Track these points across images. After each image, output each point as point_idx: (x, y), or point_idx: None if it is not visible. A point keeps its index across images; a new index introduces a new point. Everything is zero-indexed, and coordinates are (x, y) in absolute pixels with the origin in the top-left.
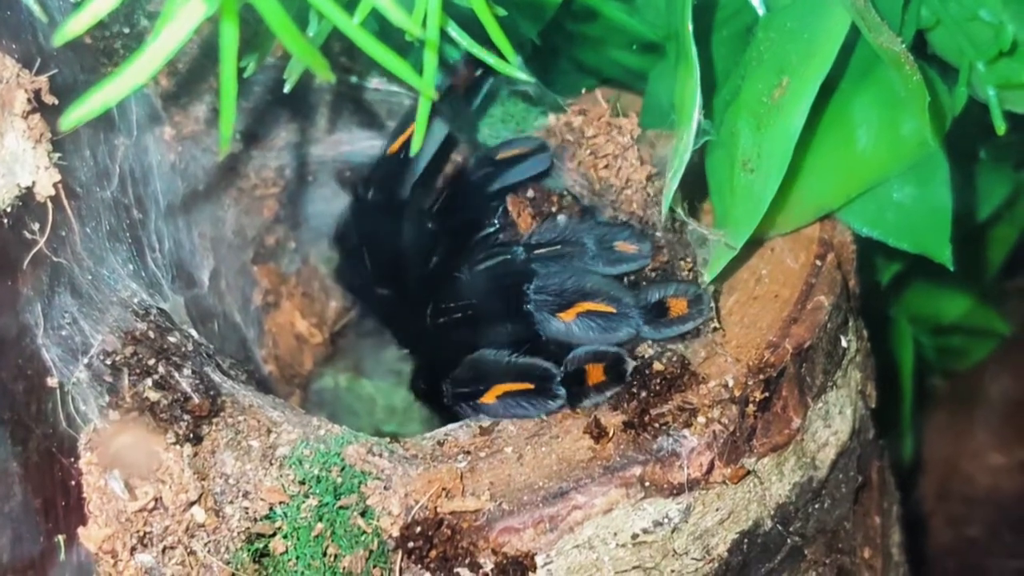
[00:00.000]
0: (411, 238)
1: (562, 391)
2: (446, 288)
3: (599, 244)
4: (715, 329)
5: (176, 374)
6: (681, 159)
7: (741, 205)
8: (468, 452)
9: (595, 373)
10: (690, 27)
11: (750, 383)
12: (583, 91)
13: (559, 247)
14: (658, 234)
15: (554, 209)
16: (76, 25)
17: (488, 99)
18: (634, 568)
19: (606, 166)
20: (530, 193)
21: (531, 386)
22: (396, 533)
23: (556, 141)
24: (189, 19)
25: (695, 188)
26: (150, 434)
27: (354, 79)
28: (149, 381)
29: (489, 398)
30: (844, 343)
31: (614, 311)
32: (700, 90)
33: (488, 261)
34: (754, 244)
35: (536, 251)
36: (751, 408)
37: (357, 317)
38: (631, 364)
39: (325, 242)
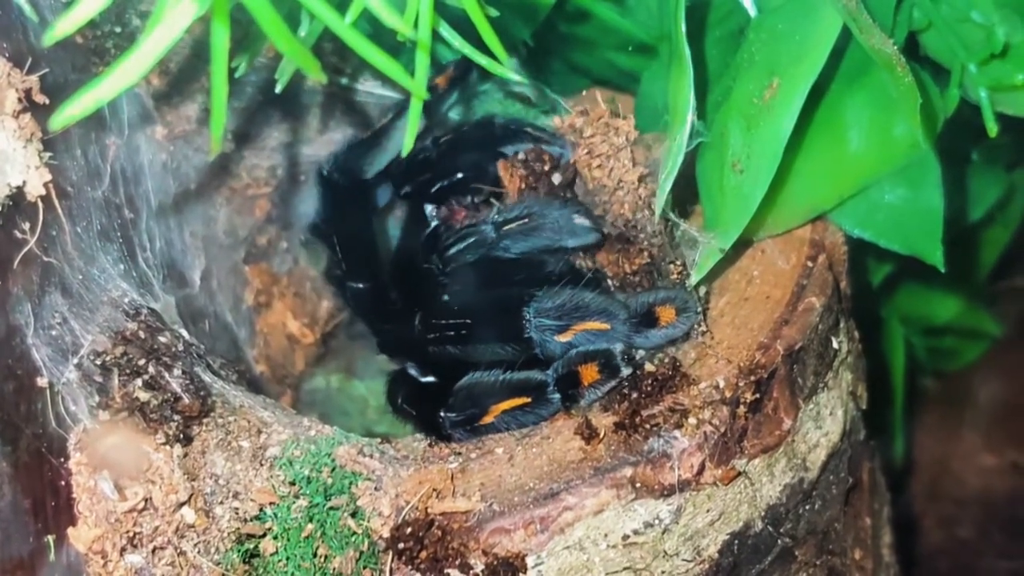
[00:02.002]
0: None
1: (556, 396)
2: (436, 299)
3: (561, 217)
4: (703, 332)
5: (166, 374)
6: (675, 161)
7: (730, 206)
8: (459, 453)
9: (588, 373)
10: (683, 28)
11: (741, 384)
12: (582, 92)
13: (527, 220)
14: (641, 236)
15: (547, 168)
16: (67, 24)
17: (467, 96)
18: (625, 569)
19: (599, 166)
20: (521, 155)
21: (528, 399)
22: (386, 534)
23: None
24: (180, 19)
25: (686, 190)
26: (140, 434)
27: (345, 80)
28: (139, 381)
29: (488, 419)
30: (835, 344)
31: (608, 328)
32: (693, 91)
33: (459, 244)
34: (745, 245)
35: (505, 227)
36: (742, 409)
37: (349, 318)
38: (619, 352)
39: (316, 242)
